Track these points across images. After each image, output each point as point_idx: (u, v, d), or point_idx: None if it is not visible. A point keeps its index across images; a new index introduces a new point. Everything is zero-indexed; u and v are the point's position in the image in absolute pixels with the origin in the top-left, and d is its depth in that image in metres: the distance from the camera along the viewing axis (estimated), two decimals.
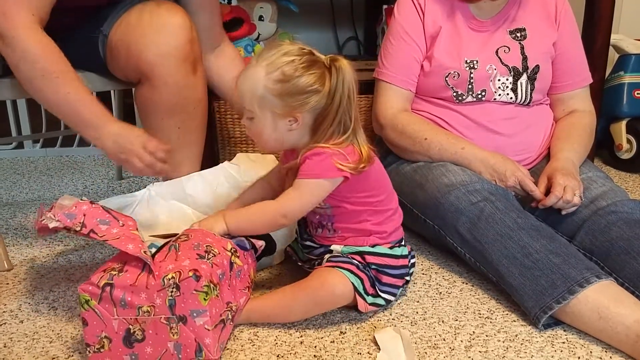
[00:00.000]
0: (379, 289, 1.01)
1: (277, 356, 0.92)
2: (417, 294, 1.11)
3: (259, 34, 1.87)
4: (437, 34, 1.30)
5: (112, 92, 1.93)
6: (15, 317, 1.04)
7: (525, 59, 1.28)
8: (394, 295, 1.04)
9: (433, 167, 1.24)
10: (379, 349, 0.92)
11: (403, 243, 1.07)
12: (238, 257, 0.97)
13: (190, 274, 0.83)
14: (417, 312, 1.05)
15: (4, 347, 0.95)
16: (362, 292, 0.98)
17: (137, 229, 0.93)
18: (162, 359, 0.86)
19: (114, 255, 0.93)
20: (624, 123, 1.89)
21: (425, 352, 0.93)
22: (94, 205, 0.93)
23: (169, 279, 0.83)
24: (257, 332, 0.98)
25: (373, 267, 1.00)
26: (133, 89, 1.27)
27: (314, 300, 0.98)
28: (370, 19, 2.06)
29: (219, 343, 0.88)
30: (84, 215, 0.90)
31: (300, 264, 1.13)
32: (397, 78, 1.31)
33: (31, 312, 1.06)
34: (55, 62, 1.05)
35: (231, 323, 0.93)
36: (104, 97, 2.03)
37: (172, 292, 0.83)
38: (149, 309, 0.84)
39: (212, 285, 0.85)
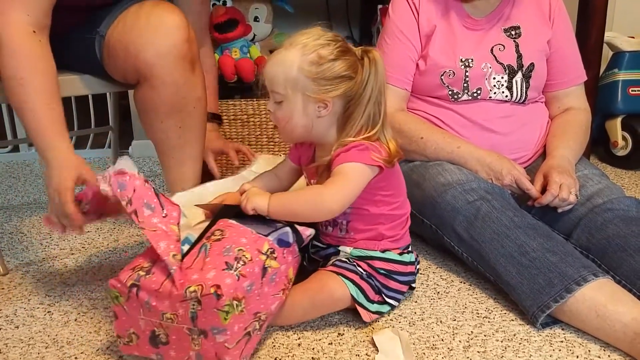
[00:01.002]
0: (386, 295, 1.01)
1: (275, 359, 0.92)
2: (415, 294, 1.11)
3: (255, 35, 1.87)
4: (432, 32, 1.29)
5: (107, 94, 1.92)
6: (10, 323, 1.03)
7: (520, 57, 1.28)
8: (398, 300, 1.04)
9: (429, 166, 1.23)
10: (377, 351, 0.92)
11: (410, 249, 1.07)
12: (275, 258, 0.90)
13: (212, 290, 0.80)
14: (415, 313, 1.04)
15: None
16: (364, 302, 0.98)
17: (178, 223, 0.89)
18: None
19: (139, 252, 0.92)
20: (619, 120, 1.89)
21: (424, 353, 0.93)
22: (146, 184, 0.89)
23: (192, 292, 0.80)
24: None
25: (382, 272, 1.00)
26: (130, 91, 1.26)
27: (313, 304, 0.97)
28: (366, 19, 2.06)
29: (242, 357, 0.85)
30: (134, 190, 0.86)
31: (305, 263, 1.12)
32: (393, 77, 1.31)
33: (27, 317, 1.05)
34: (28, 69, 1.01)
35: (259, 333, 0.89)
36: (99, 99, 2.04)
37: (193, 305, 0.81)
38: (172, 317, 0.82)
39: (235, 303, 0.81)
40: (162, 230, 0.86)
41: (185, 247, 0.89)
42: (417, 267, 1.10)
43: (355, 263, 1.00)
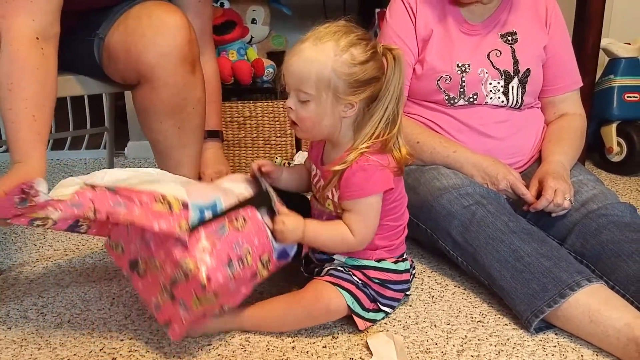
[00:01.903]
0: (381, 303, 1.00)
1: None
2: (410, 298, 1.11)
3: (252, 37, 1.87)
4: (429, 37, 1.30)
5: (103, 95, 1.92)
6: (3, 324, 1.03)
7: (516, 62, 1.28)
8: (393, 307, 1.04)
9: (425, 171, 1.24)
10: (371, 354, 0.92)
11: (405, 257, 1.06)
12: (267, 269, 0.95)
13: (203, 280, 0.84)
14: (409, 316, 1.04)
15: None
16: (360, 311, 0.98)
17: (160, 200, 0.87)
18: (144, 301, 0.93)
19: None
20: (614, 126, 1.90)
21: (418, 357, 0.93)
22: (98, 190, 0.87)
23: (186, 266, 0.84)
24: (249, 337, 0.98)
25: (376, 281, 1.00)
26: (127, 92, 1.26)
27: (308, 314, 0.97)
28: (363, 23, 2.06)
29: (188, 329, 0.91)
30: (92, 201, 0.85)
31: (302, 269, 1.11)
32: None
33: (19, 318, 1.05)
34: (20, 76, 1.00)
35: (213, 317, 0.95)
36: (95, 100, 2.03)
37: (180, 275, 0.85)
38: (159, 265, 0.88)
39: (211, 296, 0.86)
40: (151, 213, 0.85)
41: (209, 214, 0.89)
42: (413, 272, 1.10)
43: (350, 272, 0.99)
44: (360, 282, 0.98)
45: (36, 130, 1.00)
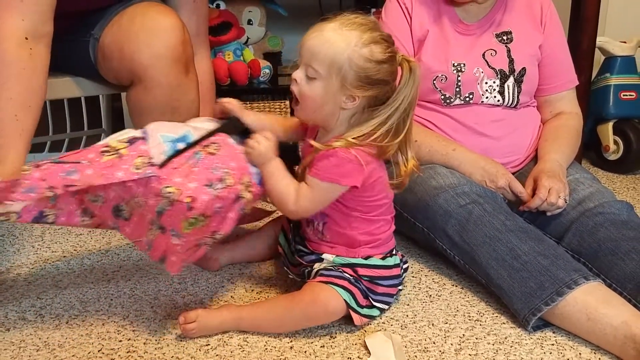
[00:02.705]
0: (374, 299, 1.00)
1: None
2: (407, 297, 1.11)
3: (248, 38, 1.87)
4: (424, 37, 1.30)
5: (100, 96, 1.92)
6: (1, 325, 1.03)
7: (511, 61, 1.29)
8: (388, 304, 1.04)
9: (422, 170, 1.24)
10: (369, 354, 0.92)
11: (394, 252, 1.06)
12: (251, 192, 0.96)
13: (187, 200, 0.86)
14: (407, 316, 1.05)
15: None
16: (355, 306, 0.98)
17: (106, 150, 0.90)
18: (135, 244, 0.94)
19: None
20: (610, 124, 1.91)
21: (416, 356, 0.93)
22: (43, 166, 0.87)
23: (168, 192, 0.86)
24: (247, 337, 0.98)
25: (366, 279, 1.00)
26: (124, 93, 1.26)
27: (307, 316, 0.97)
28: None
29: (184, 261, 0.93)
30: (43, 180, 0.85)
31: (286, 269, 1.12)
32: None
33: (18, 319, 1.05)
34: (5, 76, 0.99)
35: (208, 247, 0.96)
36: (92, 101, 2.03)
37: (165, 203, 0.87)
38: (141, 202, 0.88)
39: (201, 218, 0.88)
40: (106, 167, 0.87)
41: (181, 145, 0.92)
42: (405, 267, 1.10)
43: (340, 270, 0.99)
44: (352, 277, 0.98)
45: (17, 130, 0.99)
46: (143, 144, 0.91)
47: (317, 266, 1.02)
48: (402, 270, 1.08)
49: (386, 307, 1.03)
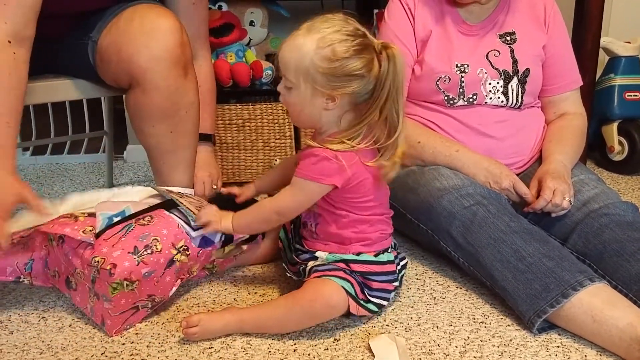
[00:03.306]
0: (369, 295, 1.00)
1: None
2: (411, 300, 1.10)
3: (250, 39, 1.87)
4: (427, 38, 1.30)
5: (102, 98, 1.92)
6: (4, 328, 1.03)
7: (515, 62, 1.28)
8: (386, 299, 1.03)
9: (425, 171, 1.23)
10: (373, 356, 0.92)
11: (389, 251, 1.05)
12: (187, 255, 1.05)
13: (108, 267, 0.96)
14: (411, 318, 1.04)
15: None
16: (355, 295, 0.97)
17: (67, 215, 1.04)
18: (84, 311, 1.04)
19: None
20: (615, 125, 1.90)
21: (420, 359, 0.92)
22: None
23: (96, 261, 0.97)
24: (250, 340, 0.97)
25: (359, 274, 0.99)
26: (124, 95, 1.26)
27: (310, 313, 0.97)
28: (362, 23, 2.06)
29: (124, 325, 1.00)
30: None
31: (285, 266, 1.12)
32: None
33: (21, 322, 1.04)
34: None
35: (148, 310, 1.04)
36: (94, 104, 2.03)
37: (95, 272, 0.97)
38: (80, 273, 1.00)
39: (125, 283, 0.96)
40: (56, 223, 1.01)
41: (117, 219, 1.03)
42: (402, 263, 1.09)
43: (333, 265, 1.00)
44: (346, 270, 0.99)
45: (12, 136, 1.02)
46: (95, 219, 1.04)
47: (311, 264, 1.02)
48: (399, 268, 1.07)
49: (384, 302, 1.02)
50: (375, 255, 1.02)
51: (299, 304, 0.96)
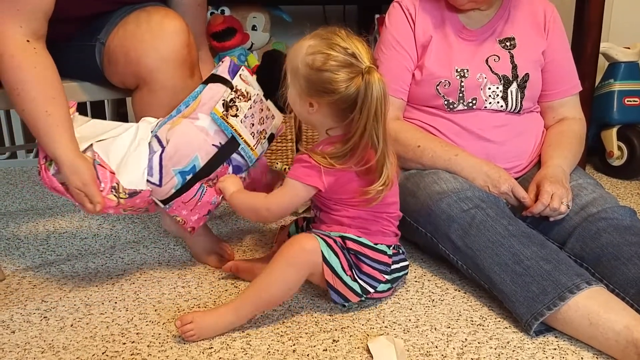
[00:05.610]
0: (358, 275, 1.03)
1: None
2: (410, 302, 1.11)
3: (252, 44, 1.88)
4: (428, 43, 1.31)
5: (105, 101, 1.94)
6: (6, 328, 1.03)
7: (514, 67, 1.29)
8: (372, 287, 1.05)
9: (425, 175, 1.24)
10: (372, 357, 0.92)
11: (391, 246, 1.08)
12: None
13: (189, 229, 1.17)
14: (409, 320, 1.05)
15: None
16: (338, 269, 1.00)
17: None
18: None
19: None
20: (614, 130, 1.91)
21: None
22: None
23: (177, 220, 1.15)
24: (250, 341, 0.98)
25: (352, 252, 1.03)
26: (129, 98, 1.27)
27: (288, 261, 1.00)
28: (363, 28, 2.08)
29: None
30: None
31: None
32: (390, 87, 1.30)
33: (23, 322, 1.05)
34: (22, 80, 1.04)
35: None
36: (97, 107, 2.05)
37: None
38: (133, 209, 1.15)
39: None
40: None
41: (189, 177, 1.12)
42: (402, 264, 1.10)
43: (330, 236, 1.04)
44: (339, 243, 1.03)
45: (54, 124, 1.05)
46: None
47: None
48: (397, 267, 1.09)
49: (370, 289, 1.04)
50: (375, 244, 1.06)
51: (279, 256, 1.00)
